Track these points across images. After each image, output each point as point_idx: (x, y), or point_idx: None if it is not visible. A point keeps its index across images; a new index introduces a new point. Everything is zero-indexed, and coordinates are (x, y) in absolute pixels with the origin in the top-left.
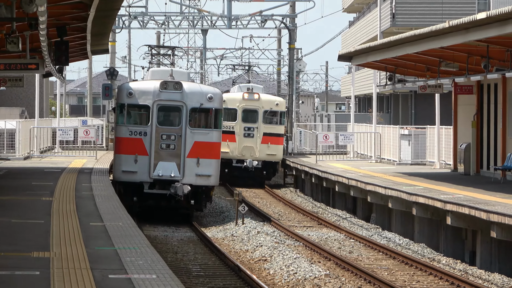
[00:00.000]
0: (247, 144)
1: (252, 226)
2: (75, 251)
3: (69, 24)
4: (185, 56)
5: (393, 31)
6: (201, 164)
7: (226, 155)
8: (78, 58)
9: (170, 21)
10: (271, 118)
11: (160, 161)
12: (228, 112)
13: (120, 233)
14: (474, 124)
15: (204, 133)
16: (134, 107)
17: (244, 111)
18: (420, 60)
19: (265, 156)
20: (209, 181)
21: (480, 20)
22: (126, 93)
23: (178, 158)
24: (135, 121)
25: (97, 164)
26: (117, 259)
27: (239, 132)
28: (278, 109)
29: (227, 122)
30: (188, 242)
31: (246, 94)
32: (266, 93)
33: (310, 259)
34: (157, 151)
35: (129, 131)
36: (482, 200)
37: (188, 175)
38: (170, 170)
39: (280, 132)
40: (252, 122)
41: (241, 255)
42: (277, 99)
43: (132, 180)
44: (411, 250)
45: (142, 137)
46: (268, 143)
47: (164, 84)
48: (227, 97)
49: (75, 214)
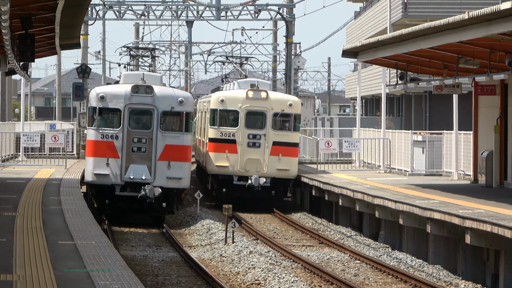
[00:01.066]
0: (252, 156)
1: (243, 245)
2: (42, 273)
3: (35, 15)
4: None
5: (405, 23)
6: (172, 167)
7: (224, 170)
8: (45, 53)
9: (150, 12)
10: (283, 123)
11: (132, 164)
12: (227, 115)
13: (93, 253)
14: (497, 129)
15: (175, 136)
16: (105, 110)
17: (249, 114)
18: (435, 56)
19: (275, 171)
20: (180, 183)
21: (504, 11)
22: (98, 96)
23: (149, 161)
24: (106, 124)
25: (67, 175)
26: (89, 282)
27: (242, 140)
28: (291, 111)
29: (226, 128)
30: (171, 263)
31: (251, 92)
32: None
33: (310, 283)
34: (128, 154)
35: (100, 134)
36: (506, 216)
37: (159, 177)
38: (141, 173)
39: (294, 141)
40: (258, 128)
41: (231, 278)
42: (291, 98)
43: (104, 182)
44: (425, 272)
45: (113, 140)
46: (279, 155)
47: (135, 88)
48: (226, 96)
49: (42, 231)
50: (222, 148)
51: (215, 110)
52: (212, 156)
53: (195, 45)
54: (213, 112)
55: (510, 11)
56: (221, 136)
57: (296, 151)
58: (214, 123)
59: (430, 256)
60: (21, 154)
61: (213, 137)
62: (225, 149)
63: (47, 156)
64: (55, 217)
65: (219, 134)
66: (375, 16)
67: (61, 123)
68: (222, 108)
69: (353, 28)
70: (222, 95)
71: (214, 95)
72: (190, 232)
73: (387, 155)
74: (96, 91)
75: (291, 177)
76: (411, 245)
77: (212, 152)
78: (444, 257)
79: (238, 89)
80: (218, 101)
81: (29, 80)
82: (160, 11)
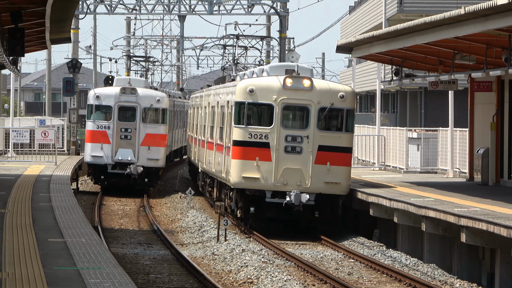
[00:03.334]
0: (290, 165)
1: (236, 243)
2: (31, 271)
3: (25, 9)
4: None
5: (400, 18)
6: (151, 151)
7: (254, 183)
8: (35, 48)
9: (142, 5)
10: (332, 121)
11: (120, 148)
12: (256, 109)
13: (83, 251)
14: (493, 126)
15: (154, 127)
16: (100, 107)
17: (286, 108)
18: (431, 52)
19: (322, 185)
20: (158, 163)
21: (501, 6)
22: (94, 96)
23: (133, 146)
24: (101, 117)
25: (57, 171)
26: (79, 280)
27: (278, 144)
28: (343, 105)
29: (256, 128)
30: (162, 261)
31: (290, 80)
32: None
33: (303, 281)
34: (117, 141)
35: (96, 125)
36: (502, 215)
37: (141, 159)
38: (127, 155)
39: (346, 145)
40: (299, 127)
41: (223, 276)
42: (342, 88)
43: (99, 162)
44: (419, 271)
45: (106, 130)
46: (326, 164)
47: (123, 89)
48: (257, 84)
49: (31, 228)
50: (251, 154)
51: (241, 103)
52: (237, 165)
53: (187, 39)
54: (239, 106)
55: (507, 6)
56: (249, 138)
57: (349, 158)
58: (240, 121)
59: (425, 255)
60: (11, 150)
61: (239, 140)
62: (255, 156)
63: (36, 152)
64: (45, 214)
65: (246, 135)
66: (370, 11)
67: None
68: (252, 101)
69: (348, 23)
70: (251, 84)
71: (240, 84)
72: (182, 230)
73: (381, 152)
74: (93, 92)
75: (342, 193)
76: (406, 243)
77: (237, 160)
78: (439, 256)
79: (271, 76)
80: (246, 91)
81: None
82: (152, 5)
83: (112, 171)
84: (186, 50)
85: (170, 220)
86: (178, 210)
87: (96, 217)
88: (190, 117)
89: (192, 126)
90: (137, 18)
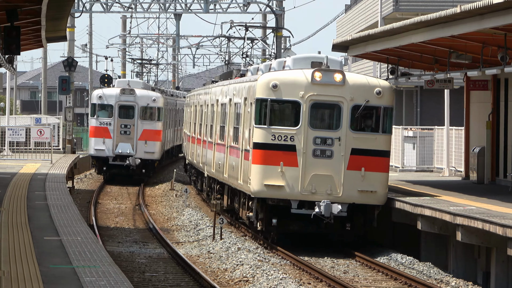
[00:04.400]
0: (320, 170)
1: (231, 242)
2: (27, 269)
3: (21, 7)
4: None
5: (396, 17)
6: (148, 145)
7: (278, 192)
8: (31, 46)
9: (138, 4)
10: (367, 121)
11: (120, 142)
12: (280, 107)
13: (79, 249)
14: (489, 125)
15: (150, 123)
16: (102, 106)
17: (315, 106)
18: (427, 50)
19: (356, 194)
20: (154, 156)
21: (497, 5)
22: (97, 96)
23: (132, 140)
24: (103, 115)
25: (53, 169)
26: (75, 279)
27: (305, 147)
28: (380, 103)
29: (280, 129)
30: (158, 259)
31: (319, 74)
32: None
33: (299, 280)
34: (118, 136)
35: (99, 122)
36: (497, 213)
37: (139, 152)
38: (126, 148)
39: (383, 148)
40: (329, 128)
41: (219, 275)
42: (379, 83)
43: (101, 155)
44: (415, 270)
45: (108, 126)
46: (361, 169)
47: (123, 90)
48: (281, 79)
49: (27, 227)
50: (275, 158)
51: (263, 101)
52: (259, 171)
53: (183, 38)
54: (261, 103)
55: (503, 5)
56: (272, 140)
57: (386, 163)
58: (261, 121)
59: (421, 254)
60: (6, 149)
61: (260, 142)
62: (279, 160)
63: (32, 150)
64: (41, 212)
65: (269, 137)
66: (366, 9)
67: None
68: (275, 97)
69: (344, 21)
70: (274, 78)
71: (262, 78)
72: (178, 228)
73: None
74: (96, 93)
75: (378, 203)
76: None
77: (258, 165)
78: (435, 255)
79: (297, 70)
80: (268, 87)
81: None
82: (147, 4)
83: (113, 163)
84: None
85: (166, 218)
86: (174, 209)
87: (92, 216)
88: (189, 115)
89: (192, 125)
90: (133, 17)
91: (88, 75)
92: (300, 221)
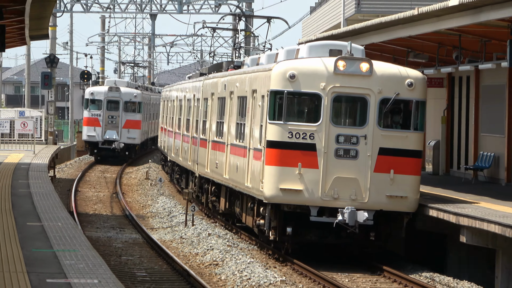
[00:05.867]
0: (343, 173)
1: (202, 228)
2: (10, 253)
3: (6, 7)
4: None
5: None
6: (130, 132)
7: (295, 197)
8: (15, 43)
9: (116, 5)
10: (397, 117)
11: (108, 130)
12: (298, 101)
13: (60, 234)
14: (444, 120)
15: (132, 115)
16: (94, 101)
17: (338, 100)
18: (386, 50)
19: (384, 200)
20: (135, 141)
21: (452, 7)
22: (89, 92)
23: (117, 128)
24: (94, 108)
25: (35, 159)
26: (56, 262)
27: (326, 146)
28: (412, 96)
29: (296, 125)
30: (133, 244)
31: (342, 63)
32: None
33: (265, 264)
34: (106, 124)
35: (90, 114)
36: (451, 202)
37: (123, 137)
38: (113, 135)
39: (415, 148)
40: (354, 125)
41: (190, 259)
42: (411, 74)
43: (93, 140)
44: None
45: (98, 117)
46: (389, 172)
47: (110, 88)
48: (300, 68)
49: (11, 213)
50: (292, 158)
51: (278, 93)
52: (273, 173)
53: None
54: (275, 96)
55: (458, 8)
56: (289, 138)
57: (418, 165)
58: (276, 116)
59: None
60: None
61: (275, 140)
62: (296, 161)
63: (16, 141)
64: (24, 199)
65: (286, 134)
66: (330, 11)
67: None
68: (293, 89)
69: (309, 22)
70: (292, 68)
71: (277, 68)
72: (152, 215)
73: None
74: (89, 90)
75: (409, 210)
76: None
77: (273, 166)
78: (475, 269)
79: (316, 58)
80: (285, 77)
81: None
82: (125, 5)
83: (102, 146)
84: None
85: (141, 206)
86: (149, 197)
87: (72, 203)
88: (171, 110)
89: (175, 120)
90: (111, 17)
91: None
92: (318, 229)
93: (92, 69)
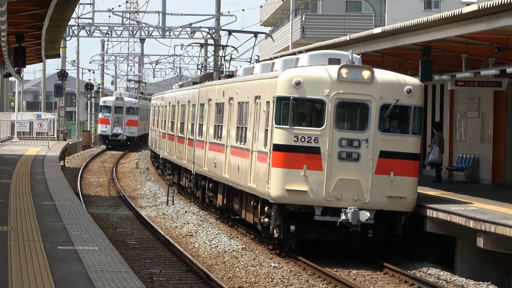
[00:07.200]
0: (346, 175)
1: (180, 207)
2: (29, 226)
3: (26, 32)
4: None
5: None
6: (130, 128)
7: (300, 197)
8: (33, 61)
9: (113, 31)
10: (396, 121)
11: (115, 127)
12: (303, 107)
13: (68, 211)
14: None
15: (132, 116)
16: (106, 106)
17: (341, 105)
18: None
19: (384, 200)
20: (134, 134)
21: (376, 34)
22: (103, 101)
23: (122, 125)
24: (106, 111)
25: (49, 152)
26: (65, 233)
27: (330, 150)
28: (410, 102)
29: (301, 129)
30: (126, 219)
31: (345, 71)
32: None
33: (230, 235)
34: (114, 123)
35: (103, 115)
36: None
37: (126, 132)
38: (119, 130)
39: (413, 151)
40: (356, 129)
41: (170, 231)
42: (409, 81)
43: (105, 134)
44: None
45: (108, 118)
46: (389, 174)
47: (117, 98)
48: (305, 76)
49: (30, 194)
50: (297, 161)
51: (284, 99)
52: (279, 175)
53: (146, 56)
54: (281, 102)
55: (380, 35)
56: (295, 142)
57: (416, 167)
58: (282, 120)
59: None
60: (15, 137)
61: (281, 143)
62: (301, 164)
63: (34, 138)
64: (40, 184)
65: (291, 138)
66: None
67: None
68: (298, 95)
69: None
70: (297, 75)
71: (284, 75)
72: (141, 196)
73: None
74: (102, 99)
75: (407, 210)
76: None
77: (279, 168)
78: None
79: (320, 66)
80: (290, 84)
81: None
82: (120, 31)
83: (111, 138)
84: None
85: (132, 189)
86: (138, 182)
87: (78, 186)
88: (164, 114)
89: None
90: (109, 40)
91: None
92: (319, 228)
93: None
